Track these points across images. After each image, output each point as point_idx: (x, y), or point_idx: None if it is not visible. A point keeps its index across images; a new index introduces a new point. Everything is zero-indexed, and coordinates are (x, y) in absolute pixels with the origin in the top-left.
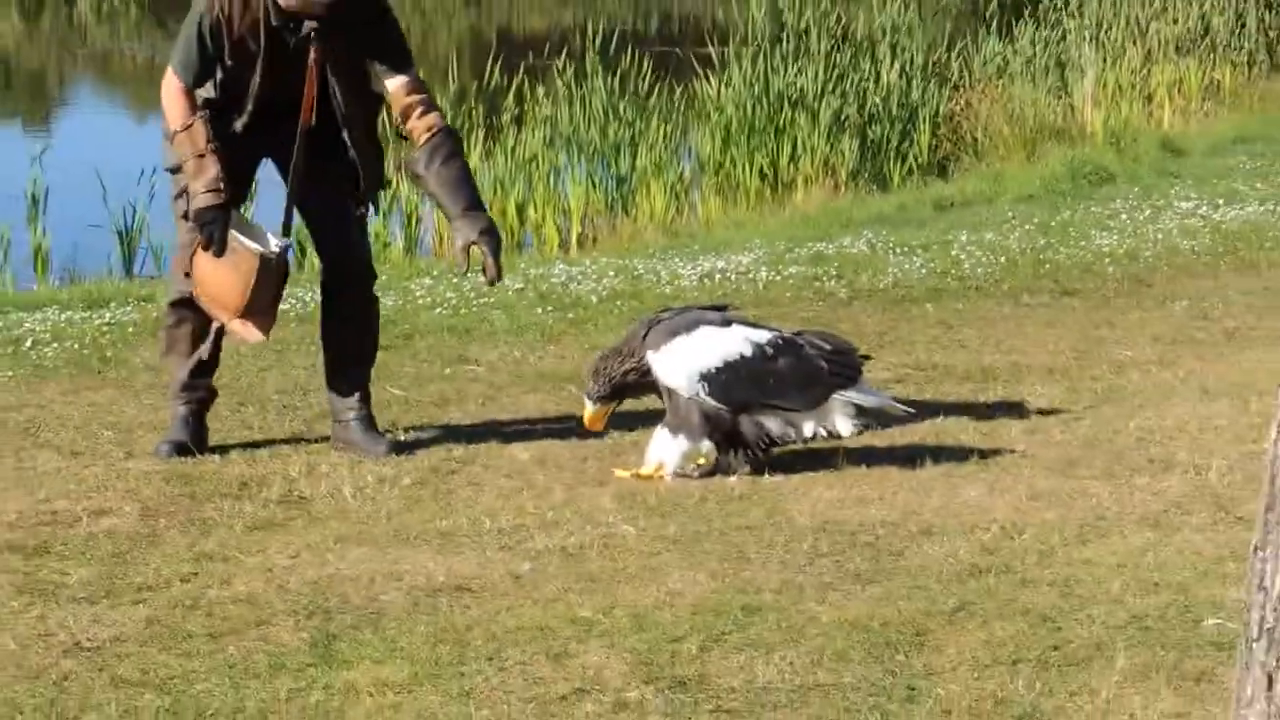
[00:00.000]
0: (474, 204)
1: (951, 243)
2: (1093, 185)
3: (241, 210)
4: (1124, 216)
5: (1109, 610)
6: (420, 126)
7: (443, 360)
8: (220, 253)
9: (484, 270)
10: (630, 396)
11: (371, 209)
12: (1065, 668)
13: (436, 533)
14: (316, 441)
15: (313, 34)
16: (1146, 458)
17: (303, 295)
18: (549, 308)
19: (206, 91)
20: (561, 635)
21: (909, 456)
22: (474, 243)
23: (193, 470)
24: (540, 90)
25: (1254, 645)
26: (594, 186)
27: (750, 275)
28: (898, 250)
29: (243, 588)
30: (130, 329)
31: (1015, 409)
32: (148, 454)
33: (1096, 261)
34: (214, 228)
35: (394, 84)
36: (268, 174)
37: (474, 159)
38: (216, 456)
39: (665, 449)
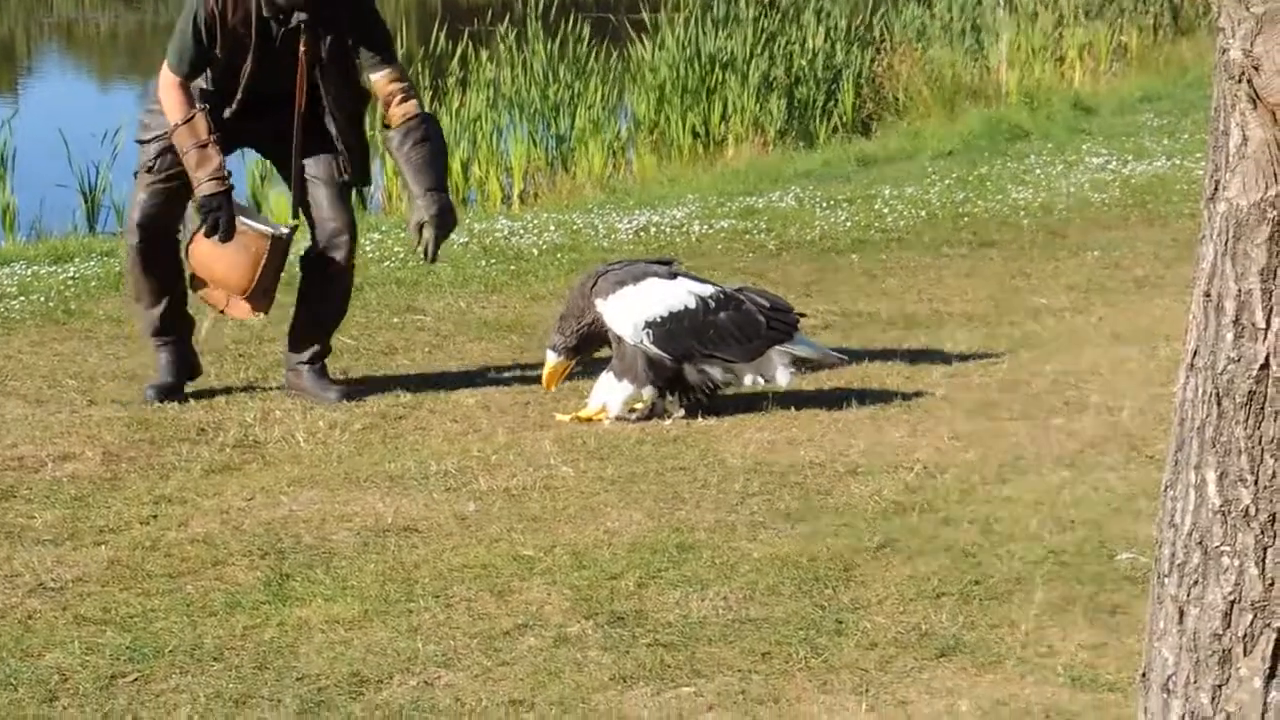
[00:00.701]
0: (436, 185)
1: (875, 197)
2: (1008, 142)
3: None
4: (1038, 171)
5: (1027, 546)
6: (399, 113)
7: (391, 310)
8: (227, 238)
9: (425, 250)
10: (592, 350)
11: (358, 198)
12: (986, 601)
13: (385, 475)
14: (271, 389)
15: (301, 25)
16: (1062, 400)
17: None
18: (492, 260)
19: (200, 83)
20: (505, 573)
21: (836, 400)
22: (425, 223)
23: (152, 416)
24: (484, 54)
25: (1165, 580)
26: (535, 145)
27: (683, 229)
28: (824, 204)
29: (200, 529)
30: (93, 283)
31: (937, 354)
32: (110, 401)
33: (1013, 214)
34: (220, 214)
35: (378, 75)
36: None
37: None
38: (175, 403)
39: (609, 392)
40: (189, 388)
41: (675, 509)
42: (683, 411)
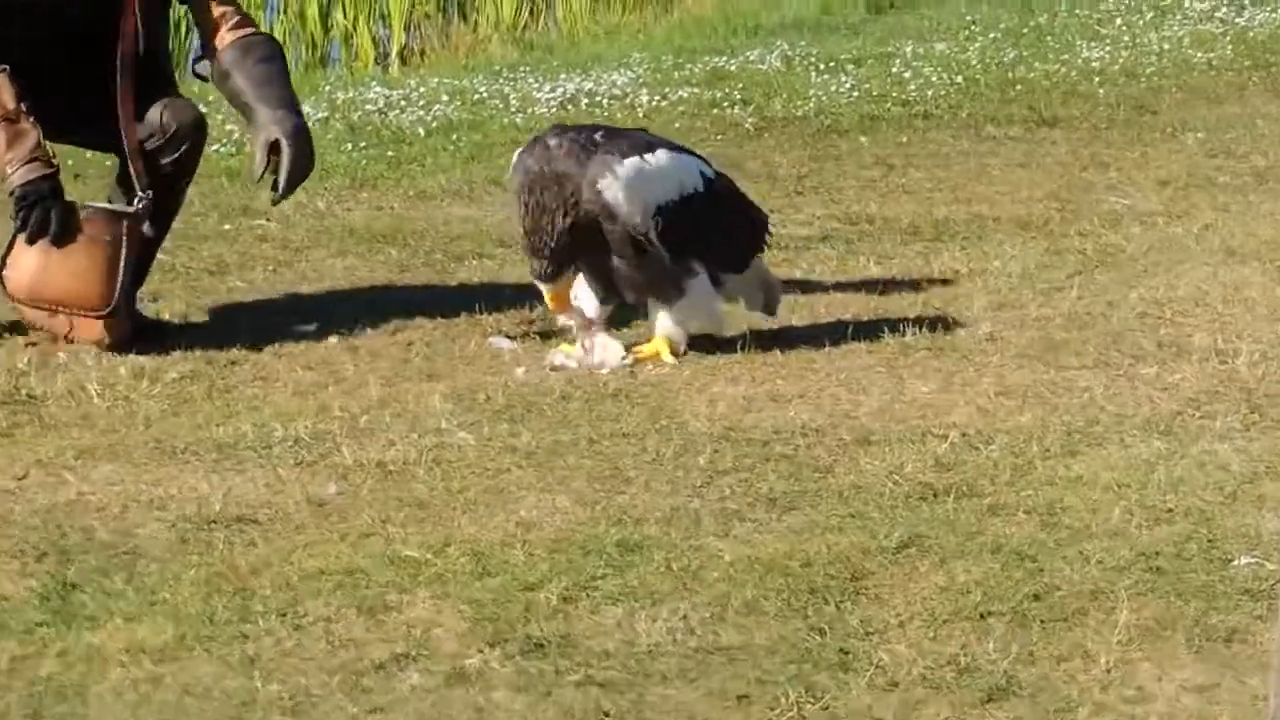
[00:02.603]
0: (288, 104)
1: (893, 56)
2: None
3: None
4: (1119, 21)
5: (1107, 546)
6: (232, 36)
7: (221, 213)
8: (64, 237)
9: (276, 179)
10: (585, 253)
11: None
12: (1050, 624)
13: (212, 444)
14: None
15: None
16: (1153, 341)
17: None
18: (361, 144)
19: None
20: (378, 582)
21: (837, 339)
22: (278, 140)
23: None
24: None
25: None
26: None
27: (628, 99)
28: (821, 66)
29: None
30: None
31: (978, 276)
32: None
33: (1083, 81)
34: (49, 204)
35: (201, 7)
36: None
37: None
38: None
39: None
40: None
41: (616, 492)
42: (624, 355)
